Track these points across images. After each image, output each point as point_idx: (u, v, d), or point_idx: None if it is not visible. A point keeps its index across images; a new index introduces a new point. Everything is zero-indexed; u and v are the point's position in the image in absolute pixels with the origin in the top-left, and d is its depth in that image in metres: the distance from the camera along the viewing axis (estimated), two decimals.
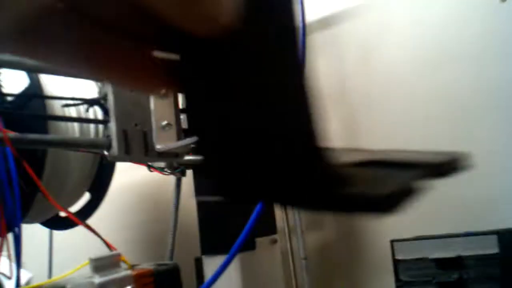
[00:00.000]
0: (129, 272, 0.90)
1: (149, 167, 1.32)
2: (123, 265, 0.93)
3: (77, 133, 1.23)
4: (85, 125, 1.25)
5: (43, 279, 1.31)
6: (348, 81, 1.52)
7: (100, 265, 0.88)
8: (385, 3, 1.48)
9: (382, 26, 1.49)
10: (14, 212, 0.92)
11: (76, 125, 1.25)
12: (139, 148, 1.06)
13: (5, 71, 1.13)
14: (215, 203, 1.33)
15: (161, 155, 1.09)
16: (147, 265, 0.99)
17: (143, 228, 1.86)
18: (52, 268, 1.73)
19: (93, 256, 0.90)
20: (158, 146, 1.06)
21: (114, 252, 0.93)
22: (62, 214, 1.39)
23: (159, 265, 0.99)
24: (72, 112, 1.22)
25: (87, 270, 0.92)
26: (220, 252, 1.26)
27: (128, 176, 1.71)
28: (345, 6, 1.53)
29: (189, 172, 1.39)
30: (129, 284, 0.89)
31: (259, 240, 1.31)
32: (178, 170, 1.35)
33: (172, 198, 1.45)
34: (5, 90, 1.13)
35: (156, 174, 1.36)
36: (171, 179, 1.47)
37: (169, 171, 1.34)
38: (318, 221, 1.56)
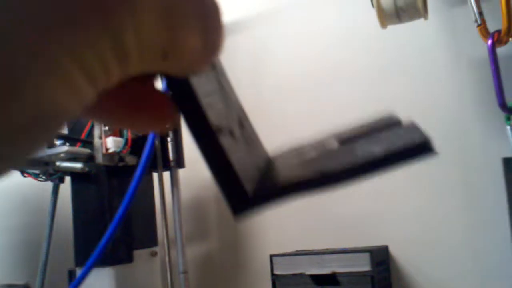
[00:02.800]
0: None
1: (22, 172, 1.24)
2: None
3: None
4: None
5: None
6: (239, 92, 1.51)
7: None
8: (274, 17, 1.49)
9: (270, 39, 1.50)
10: None
11: None
12: None
13: None
14: (93, 212, 1.27)
15: (30, 163, 1.02)
16: None
17: (22, 233, 1.75)
18: None
19: None
20: None
21: None
22: None
23: (9, 286, 0.91)
24: None
25: None
26: (95, 264, 1.21)
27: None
28: (233, 17, 1.52)
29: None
30: None
31: (138, 253, 1.27)
32: (54, 176, 1.28)
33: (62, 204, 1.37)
34: None
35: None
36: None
37: (43, 177, 1.25)
38: (200, 233, 1.54)
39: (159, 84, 0.23)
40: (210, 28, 0.19)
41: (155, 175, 1.31)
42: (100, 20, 0.15)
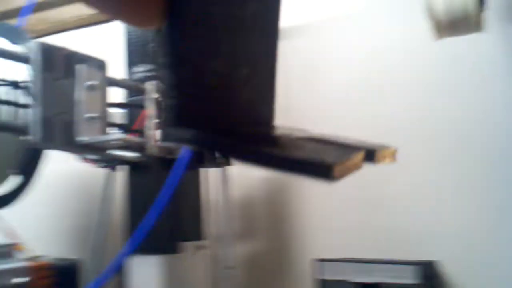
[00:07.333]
0: (25, 263, 0.87)
1: (83, 158, 1.29)
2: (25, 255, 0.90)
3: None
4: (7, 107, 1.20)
5: None
6: (291, 97, 1.48)
7: None
8: (331, 25, 1.47)
9: (326, 48, 1.47)
10: None
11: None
12: (61, 137, 1.03)
13: None
14: (146, 202, 1.30)
15: (84, 147, 1.06)
16: (48, 259, 0.96)
17: (85, 217, 1.83)
18: None
19: None
20: (81, 138, 1.03)
21: (12, 241, 0.90)
22: None
23: (61, 260, 0.96)
24: None
25: None
26: (143, 252, 1.24)
27: (69, 164, 1.68)
28: (290, 23, 1.49)
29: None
30: (24, 275, 0.86)
31: (185, 245, 1.29)
32: (112, 163, 1.33)
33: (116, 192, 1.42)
34: None
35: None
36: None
37: (103, 164, 1.31)
38: (248, 232, 1.54)
39: None
40: None
41: (203, 171, 1.33)
42: None
